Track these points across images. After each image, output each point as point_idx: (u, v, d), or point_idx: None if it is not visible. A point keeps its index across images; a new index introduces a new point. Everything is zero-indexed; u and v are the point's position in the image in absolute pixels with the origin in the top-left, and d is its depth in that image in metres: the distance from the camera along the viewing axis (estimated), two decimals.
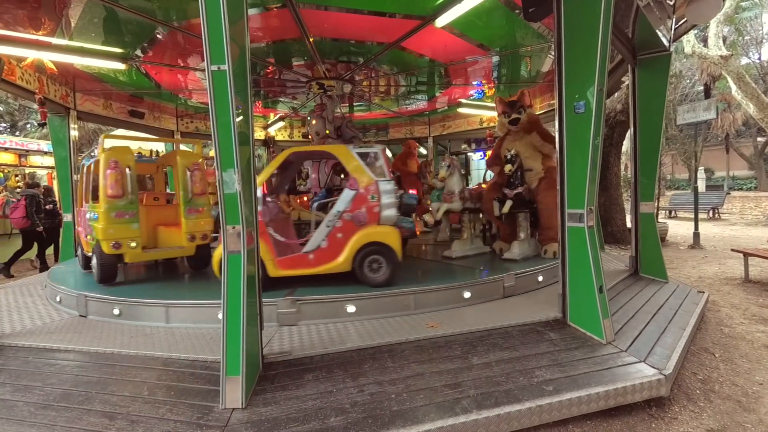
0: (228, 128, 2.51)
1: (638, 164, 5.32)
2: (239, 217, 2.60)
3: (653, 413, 2.68)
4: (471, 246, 5.89)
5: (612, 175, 9.97)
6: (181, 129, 9.52)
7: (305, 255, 4.23)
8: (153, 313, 3.92)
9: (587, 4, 3.24)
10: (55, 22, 4.71)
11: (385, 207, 4.23)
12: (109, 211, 4.52)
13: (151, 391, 2.66)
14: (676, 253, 8.79)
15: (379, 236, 4.18)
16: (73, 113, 7.02)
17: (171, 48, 5.65)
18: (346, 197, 4.26)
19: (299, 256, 4.23)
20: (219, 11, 2.39)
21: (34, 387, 2.77)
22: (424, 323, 3.68)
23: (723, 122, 22.56)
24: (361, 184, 4.24)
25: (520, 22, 4.97)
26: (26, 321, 4.12)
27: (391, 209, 4.25)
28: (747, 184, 25.91)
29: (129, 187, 4.66)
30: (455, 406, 2.41)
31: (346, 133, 6.92)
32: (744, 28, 21.40)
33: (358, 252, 4.15)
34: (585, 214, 3.39)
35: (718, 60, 12.79)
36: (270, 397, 2.56)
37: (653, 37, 4.85)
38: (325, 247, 4.22)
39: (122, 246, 4.59)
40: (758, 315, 4.58)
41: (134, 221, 4.70)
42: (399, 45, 5.51)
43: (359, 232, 4.18)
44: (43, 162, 11.49)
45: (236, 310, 2.56)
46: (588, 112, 3.31)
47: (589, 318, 3.39)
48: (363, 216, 4.20)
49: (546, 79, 7.44)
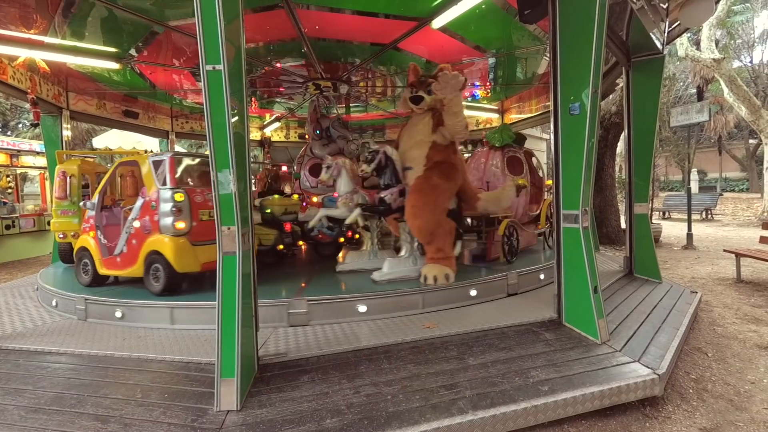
0: (223, 129, 2.49)
1: (632, 166, 5.36)
2: (234, 217, 2.59)
3: (647, 412, 2.70)
4: (370, 260, 5.01)
5: (607, 177, 10.03)
6: (176, 129, 9.45)
7: (115, 258, 4.51)
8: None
9: (582, 7, 3.27)
10: (48, 20, 4.67)
11: (162, 215, 4.15)
12: (56, 210, 5.99)
13: (145, 393, 2.64)
14: (670, 253, 8.86)
15: (157, 245, 4.17)
16: (65, 113, 6.95)
17: (166, 48, 5.62)
18: (137, 205, 4.40)
19: (112, 258, 4.53)
20: (214, 11, 2.38)
21: (25, 390, 2.73)
22: (421, 324, 3.68)
23: (716, 124, 22.80)
24: (148, 191, 4.31)
25: (515, 24, 4.99)
26: (17, 323, 4.07)
27: (167, 218, 4.11)
28: (739, 186, 26.22)
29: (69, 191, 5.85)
30: (451, 406, 2.41)
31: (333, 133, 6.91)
32: (736, 31, 21.65)
33: (146, 259, 4.25)
34: (580, 214, 3.40)
35: (711, 63, 12.94)
36: (265, 398, 2.54)
37: (647, 40, 4.89)
38: (126, 252, 4.44)
39: (66, 236, 5.96)
40: (750, 315, 4.62)
41: (75, 217, 5.86)
42: (395, 46, 5.51)
43: (147, 239, 4.25)
44: (35, 162, 11.36)
45: (231, 311, 2.55)
46: (583, 114, 3.33)
47: (584, 318, 3.41)
48: (148, 224, 4.25)
49: (541, 81, 7.48)
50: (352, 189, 4.77)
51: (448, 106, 4.26)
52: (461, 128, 4.33)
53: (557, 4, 3.44)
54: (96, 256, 4.60)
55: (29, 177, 14.24)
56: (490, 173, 6.23)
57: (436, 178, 4.30)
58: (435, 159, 4.39)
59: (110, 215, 4.76)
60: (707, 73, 17.36)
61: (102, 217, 4.75)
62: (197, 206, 4.30)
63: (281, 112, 9.80)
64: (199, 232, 4.28)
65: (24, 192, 13.05)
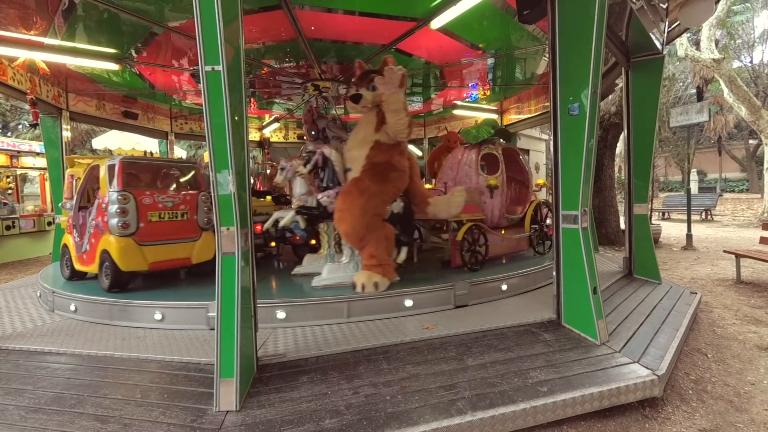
0: (222, 129, 2.50)
1: (632, 166, 5.36)
2: (233, 218, 2.59)
3: (647, 413, 2.70)
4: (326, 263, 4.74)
5: (606, 177, 10.03)
6: (175, 130, 9.46)
7: (82, 255, 4.78)
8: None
9: (581, 7, 3.27)
10: (48, 21, 4.67)
11: (109, 216, 4.32)
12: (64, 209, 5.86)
13: (144, 393, 2.64)
14: (670, 254, 8.85)
15: (106, 244, 4.35)
16: (65, 114, 6.96)
17: (165, 49, 5.62)
18: (93, 206, 4.64)
19: (80, 255, 4.80)
20: (213, 12, 2.38)
21: (25, 390, 2.73)
22: (420, 324, 3.68)
23: (715, 125, 22.84)
24: (102, 193, 4.53)
25: (514, 24, 5.00)
26: (17, 323, 4.07)
27: (113, 218, 4.28)
28: (739, 186, 26.24)
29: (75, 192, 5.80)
30: (450, 407, 2.41)
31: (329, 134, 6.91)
32: (736, 31, 21.65)
33: (100, 257, 4.43)
34: (579, 215, 3.41)
35: (711, 63, 12.95)
36: (264, 399, 2.55)
37: (646, 40, 4.89)
38: (88, 250, 4.66)
39: None
40: (750, 316, 4.62)
41: None
42: (394, 47, 5.52)
43: (101, 238, 4.44)
44: (35, 163, 11.36)
45: (230, 311, 2.55)
46: (582, 114, 3.33)
47: (584, 319, 3.41)
48: (101, 224, 4.45)
49: (541, 81, 7.48)
50: (307, 191, 4.65)
51: (386, 103, 4.10)
52: (402, 127, 4.12)
53: (556, 4, 3.44)
54: (72, 252, 4.95)
55: (29, 178, 14.23)
56: (463, 173, 5.69)
57: (368, 180, 4.12)
58: (375, 160, 4.21)
59: (86, 215, 4.94)
60: (707, 74, 17.39)
61: (78, 217, 4.99)
62: (145, 208, 4.44)
63: (280, 113, 9.81)
64: (147, 233, 4.43)
65: (24, 193, 13.05)
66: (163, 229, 4.56)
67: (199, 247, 4.82)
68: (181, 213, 4.73)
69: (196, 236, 4.83)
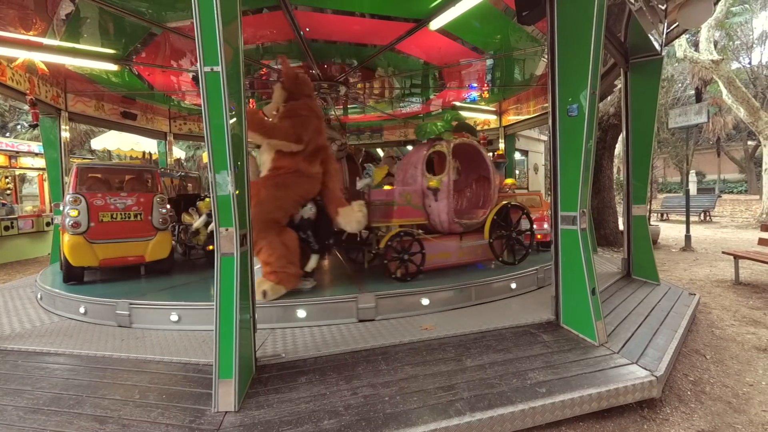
0: (221, 130, 2.50)
1: (631, 167, 5.37)
2: (232, 219, 2.59)
3: (645, 414, 2.70)
4: None
5: (605, 178, 10.05)
6: (174, 131, 9.46)
7: None
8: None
9: (580, 9, 3.27)
10: (47, 22, 4.67)
11: (63, 216, 4.76)
12: None
13: (143, 394, 2.64)
14: (668, 255, 8.87)
15: (62, 241, 4.83)
16: (64, 114, 6.95)
17: (164, 49, 5.62)
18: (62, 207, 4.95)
19: None
20: (212, 12, 2.38)
21: (24, 391, 2.73)
22: (418, 325, 3.68)
23: (714, 126, 22.90)
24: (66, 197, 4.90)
25: (513, 25, 5.00)
26: (15, 324, 4.07)
27: (66, 218, 4.70)
28: (737, 187, 26.30)
29: None
30: (449, 408, 2.41)
31: None
32: (734, 32, 21.72)
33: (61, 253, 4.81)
34: (578, 216, 3.41)
35: (709, 64, 12.98)
36: (263, 400, 2.54)
37: (645, 41, 4.90)
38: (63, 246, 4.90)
39: None
40: (748, 317, 4.63)
41: None
42: (393, 47, 5.52)
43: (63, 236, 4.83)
44: (33, 163, 11.36)
45: (229, 312, 2.55)
46: (581, 116, 3.34)
47: (582, 320, 3.41)
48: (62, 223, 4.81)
49: (539, 82, 7.49)
50: None
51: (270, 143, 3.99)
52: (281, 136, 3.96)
53: (555, 6, 3.44)
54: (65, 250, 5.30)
55: (28, 178, 14.23)
56: (409, 174, 5.05)
57: (260, 186, 3.98)
58: (278, 164, 4.05)
59: None
60: (706, 75, 17.45)
61: None
62: (96, 209, 4.81)
63: None
64: (98, 232, 4.80)
65: (23, 193, 13.04)
66: (115, 229, 4.91)
67: (153, 246, 5.12)
68: (135, 214, 5.05)
69: (149, 236, 5.11)
